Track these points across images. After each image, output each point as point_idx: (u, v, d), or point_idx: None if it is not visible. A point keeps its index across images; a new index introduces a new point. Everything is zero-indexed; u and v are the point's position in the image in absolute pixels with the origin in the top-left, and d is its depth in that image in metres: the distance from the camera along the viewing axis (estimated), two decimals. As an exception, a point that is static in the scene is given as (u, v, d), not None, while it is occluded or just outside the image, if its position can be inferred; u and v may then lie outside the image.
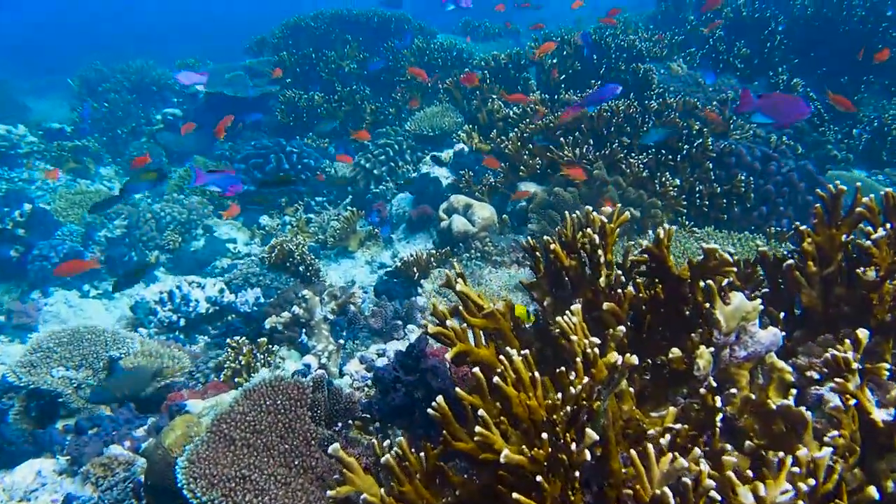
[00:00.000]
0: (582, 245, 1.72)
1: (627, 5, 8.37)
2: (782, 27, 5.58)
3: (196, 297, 3.78)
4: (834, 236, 1.66)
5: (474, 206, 4.07)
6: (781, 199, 3.88)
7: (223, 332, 3.73)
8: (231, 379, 3.11)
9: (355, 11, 7.36)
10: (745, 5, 5.90)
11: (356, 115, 6.40)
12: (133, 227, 5.37)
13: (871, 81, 5.39)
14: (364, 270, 4.92)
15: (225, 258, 5.22)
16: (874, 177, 4.66)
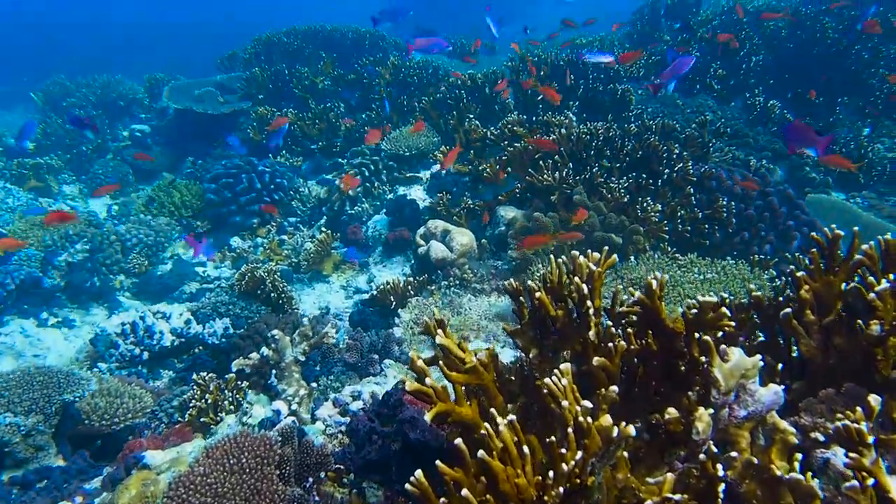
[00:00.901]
0: (569, 293, 1.62)
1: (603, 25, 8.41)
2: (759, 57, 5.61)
3: (160, 329, 3.59)
4: (832, 283, 1.58)
5: (453, 232, 3.96)
6: (763, 224, 3.84)
7: (189, 365, 3.56)
8: (197, 419, 2.94)
9: (329, 27, 7.25)
10: (721, 27, 5.92)
11: (330, 132, 6.26)
12: (96, 250, 5.15)
13: (845, 103, 5.43)
14: (339, 295, 4.78)
15: (194, 282, 5.03)
16: (852, 199, 4.67)
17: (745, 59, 5.57)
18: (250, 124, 6.33)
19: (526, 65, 5.38)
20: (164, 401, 3.17)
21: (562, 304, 1.62)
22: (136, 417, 2.99)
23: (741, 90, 5.45)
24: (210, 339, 3.66)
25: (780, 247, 3.80)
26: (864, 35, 5.48)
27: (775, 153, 4.62)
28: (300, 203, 5.82)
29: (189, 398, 3.03)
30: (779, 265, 3.51)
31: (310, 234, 5.53)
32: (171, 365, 3.65)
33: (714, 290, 3.19)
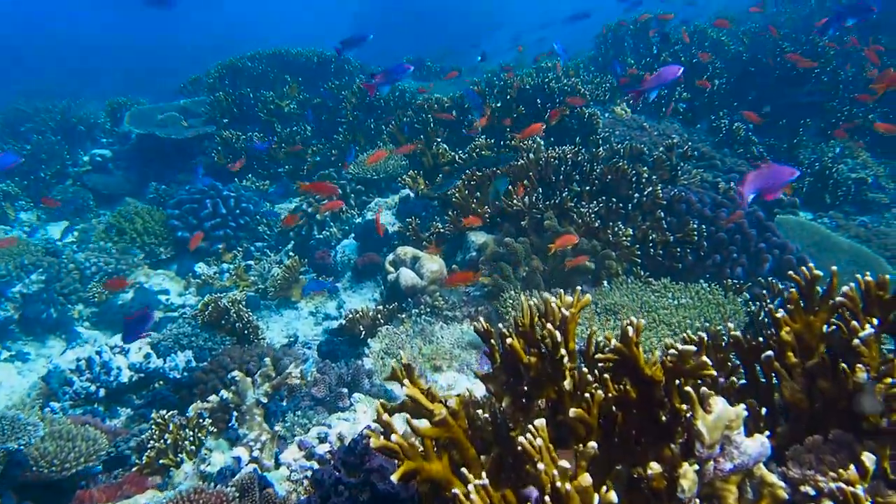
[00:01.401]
0: (542, 338, 1.55)
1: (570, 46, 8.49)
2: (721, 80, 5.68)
3: (118, 365, 3.42)
4: (812, 324, 1.53)
5: (422, 259, 3.88)
6: (734, 247, 3.83)
7: (149, 402, 3.39)
8: (155, 461, 2.79)
9: (294, 51, 7.16)
10: (683, 51, 5.99)
11: (297, 156, 6.15)
12: (53, 279, 4.94)
13: (807, 124, 5.51)
14: (308, 322, 4.65)
15: (156, 311, 4.85)
16: (819, 220, 4.72)
17: (709, 81, 5.63)
18: (215, 148, 6.18)
19: (493, 89, 5.36)
20: (121, 441, 3.01)
21: (535, 351, 1.55)
22: (90, 461, 2.82)
23: (706, 113, 5.50)
24: (171, 374, 3.50)
25: (752, 269, 3.79)
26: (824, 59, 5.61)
27: (742, 175, 4.64)
28: (267, 227, 5.69)
29: (147, 438, 2.88)
30: (752, 289, 3.50)
31: (277, 259, 5.40)
32: (130, 401, 3.48)
33: (689, 315, 3.16)
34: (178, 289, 5.07)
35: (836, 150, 5.14)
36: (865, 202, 5.01)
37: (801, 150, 5.36)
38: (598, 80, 5.99)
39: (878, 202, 4.97)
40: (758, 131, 5.41)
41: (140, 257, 5.17)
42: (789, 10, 8.30)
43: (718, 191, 4.39)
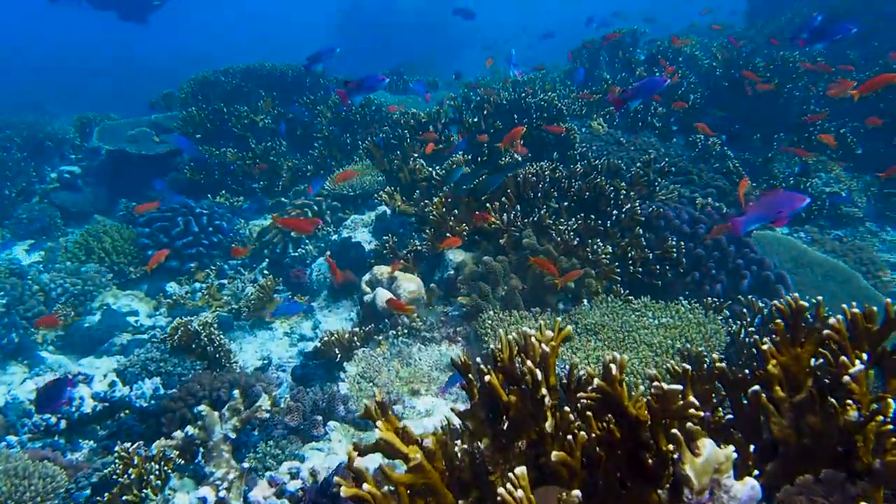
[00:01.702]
0: (522, 375, 1.48)
1: (545, 61, 8.53)
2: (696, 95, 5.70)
3: (81, 394, 3.28)
4: (800, 356, 1.48)
5: (400, 279, 3.80)
6: (713, 264, 3.81)
7: (113, 432, 3.25)
8: (118, 498, 2.66)
9: (269, 65, 7.06)
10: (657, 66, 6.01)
11: (272, 171, 6.04)
12: (16, 302, 4.76)
13: (781, 139, 5.55)
14: (283, 343, 4.53)
15: (125, 333, 4.70)
16: (795, 234, 4.73)
17: (684, 96, 5.66)
18: (187, 165, 6.05)
19: (469, 105, 5.32)
20: (82, 477, 2.87)
21: (514, 389, 1.47)
22: (48, 500, 2.69)
23: (683, 128, 5.52)
24: (138, 402, 3.37)
25: (731, 286, 3.77)
26: (795, 75, 5.66)
27: (719, 190, 4.65)
28: (241, 245, 5.56)
29: (111, 473, 2.75)
30: (731, 306, 3.47)
31: (251, 277, 5.27)
32: (93, 433, 3.33)
33: (670, 335, 3.12)
34: (148, 309, 4.92)
35: (797, 167, 5.17)
36: (840, 216, 5.05)
37: (775, 164, 5.39)
38: (575, 94, 5.99)
39: (852, 216, 5.01)
40: (733, 145, 5.44)
41: (108, 277, 5.01)
42: (760, 25, 8.43)
43: (696, 206, 4.38)
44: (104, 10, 10.18)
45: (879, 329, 1.41)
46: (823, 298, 3.98)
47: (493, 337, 3.29)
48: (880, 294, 3.93)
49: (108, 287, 5.03)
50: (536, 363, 1.45)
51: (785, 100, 5.69)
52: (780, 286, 3.76)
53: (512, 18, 22.31)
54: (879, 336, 1.41)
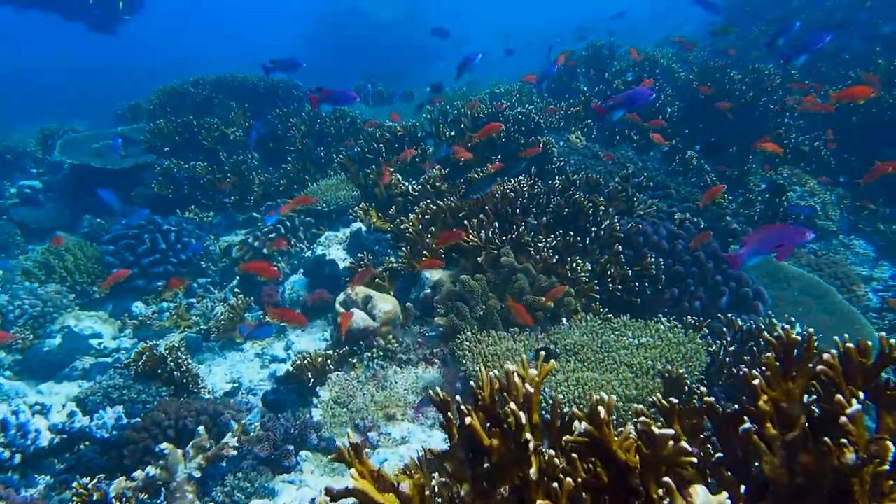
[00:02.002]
0: (505, 416, 1.39)
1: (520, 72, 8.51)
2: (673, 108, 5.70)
3: (37, 426, 3.11)
4: (791, 391, 1.42)
5: (375, 299, 3.70)
6: (692, 280, 3.78)
7: (72, 466, 3.09)
8: (77, 538, 2.51)
9: (240, 76, 6.92)
10: (634, 78, 6.02)
11: (244, 186, 5.90)
12: (-30, 324, 4.55)
13: (756, 151, 5.58)
14: (254, 365, 4.38)
15: (87, 357, 4.51)
16: (770, 248, 4.73)
17: (661, 109, 5.66)
18: (155, 179, 5.88)
19: (447, 118, 5.25)
20: (39, 515, 2.71)
21: (496, 432, 1.39)
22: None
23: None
24: (98, 433, 3.20)
25: (710, 302, 3.74)
26: (769, 88, 5.71)
27: (697, 204, 4.63)
28: (211, 263, 5.41)
29: (69, 511, 2.61)
30: (711, 324, 3.43)
31: (221, 296, 5.12)
32: (51, 467, 3.16)
33: (650, 356, 3.06)
34: (113, 331, 4.74)
35: (763, 185, 5.20)
36: (814, 229, 5.07)
37: (751, 176, 5.41)
38: (553, 106, 5.96)
39: (825, 229, 5.04)
40: (710, 158, 5.44)
41: (70, 298, 4.82)
42: (733, 38, 8.52)
43: (674, 221, 4.35)
44: (73, 20, 9.95)
45: (874, 364, 1.35)
46: (800, 313, 3.96)
47: (472, 359, 3.21)
48: (855, 309, 3.93)
49: (70, 308, 4.83)
50: (520, 404, 1.37)
51: (760, 113, 5.73)
52: (759, 302, 3.74)
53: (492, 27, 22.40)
54: (874, 371, 1.35)
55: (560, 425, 1.54)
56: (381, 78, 10.78)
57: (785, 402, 1.41)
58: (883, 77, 5.70)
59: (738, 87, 5.77)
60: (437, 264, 3.61)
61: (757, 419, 1.42)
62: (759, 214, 4.95)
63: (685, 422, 1.62)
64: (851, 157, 5.52)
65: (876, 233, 5.05)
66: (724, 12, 8.86)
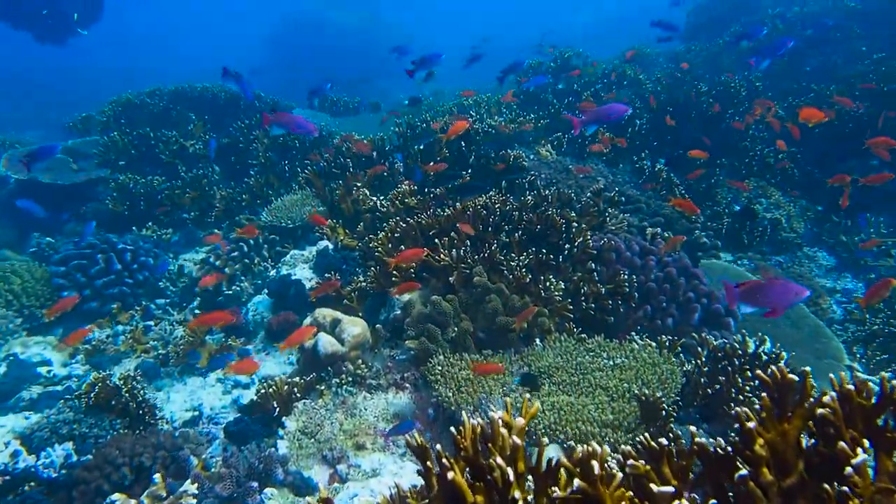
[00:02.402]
0: (490, 469, 1.29)
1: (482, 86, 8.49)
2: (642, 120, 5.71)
3: (-22, 468, 2.89)
4: (787, 433, 1.35)
5: (343, 322, 3.56)
6: (664, 297, 3.74)
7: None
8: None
9: (199, 87, 6.70)
10: (604, 90, 6.02)
11: (204, 201, 5.70)
12: None
13: (723, 164, 5.62)
14: (215, 391, 4.20)
15: (35, 386, 4.25)
16: (739, 262, 4.75)
17: (630, 121, 5.66)
18: (109, 195, 5.64)
19: (415, 131, 5.15)
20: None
21: (481, 487, 1.28)
22: None
23: (627, 152, 5.51)
24: (45, 473, 2.99)
25: (682, 319, 3.71)
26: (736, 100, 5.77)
27: (667, 218, 4.62)
28: (169, 283, 5.19)
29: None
30: (684, 343, 3.39)
31: (181, 318, 4.92)
32: (-7, 511, 2.94)
33: (625, 377, 3.00)
34: (63, 357, 4.49)
35: (736, 206, 5.23)
36: (780, 241, 5.11)
37: (718, 189, 5.43)
38: (522, 118, 5.91)
39: (791, 241, 5.09)
40: (678, 170, 5.45)
41: (17, 323, 4.55)
42: (699, 48, 8.64)
43: (646, 236, 4.33)
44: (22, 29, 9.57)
45: (875, 405, 1.29)
46: (768, 328, 3.94)
47: (444, 384, 3.10)
48: (821, 322, 3.95)
49: (17, 334, 4.57)
50: (506, 458, 1.26)
51: (727, 125, 5.77)
52: (730, 318, 3.72)
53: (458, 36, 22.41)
54: (875, 413, 1.29)
55: (545, 471, 1.44)
56: (346, 87, 10.63)
57: (781, 444, 1.34)
58: (843, 89, 5.81)
59: (706, 100, 5.81)
60: (414, 287, 3.49)
61: (752, 464, 1.35)
62: (727, 228, 4.97)
63: (674, 463, 1.53)
64: (815, 170, 5.60)
65: (838, 244, 5.11)
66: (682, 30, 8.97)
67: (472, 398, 2.99)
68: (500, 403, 2.93)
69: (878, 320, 4.18)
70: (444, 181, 4.67)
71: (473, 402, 2.96)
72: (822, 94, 5.93)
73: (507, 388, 3.07)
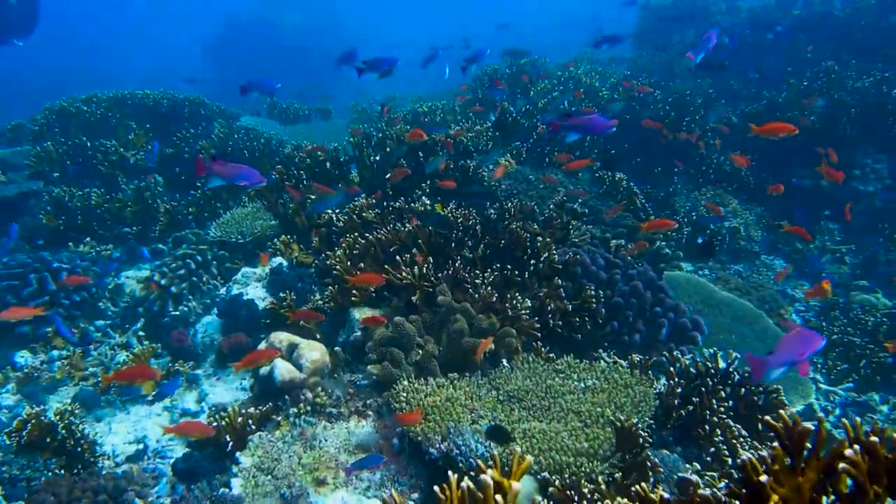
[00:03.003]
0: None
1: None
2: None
3: None
4: (802, 486, 1.25)
5: (301, 347, 3.35)
6: (631, 312, 3.68)
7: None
8: None
9: (139, 94, 6.35)
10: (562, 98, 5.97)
11: (147, 215, 5.37)
12: None
13: (681, 172, 5.63)
14: (163, 421, 3.92)
15: (-41, 422, 3.89)
16: (700, 272, 4.75)
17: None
18: (43, 208, 5.25)
19: (370, 141, 4.97)
20: None
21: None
22: None
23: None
24: (-30, 525, 2.70)
25: (649, 335, 3.65)
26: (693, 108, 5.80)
27: (629, 229, 4.57)
28: (110, 303, 4.86)
29: None
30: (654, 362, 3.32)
31: (123, 341, 4.60)
32: None
33: (598, 401, 2.89)
34: (-9, 388, 4.13)
35: (712, 227, 5.24)
36: (738, 250, 5.15)
37: (676, 197, 5.44)
38: (477, 125, 5.79)
39: (748, 250, 5.12)
40: (636, 179, 5.43)
41: (-61, 351, 4.17)
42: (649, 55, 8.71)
43: (609, 248, 4.27)
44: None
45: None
46: (733, 341, 3.91)
47: (410, 412, 2.93)
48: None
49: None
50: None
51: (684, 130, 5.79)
52: (697, 333, 3.69)
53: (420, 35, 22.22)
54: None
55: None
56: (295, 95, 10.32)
57: (796, 499, 1.24)
58: (793, 96, 5.91)
59: (662, 107, 5.82)
60: (380, 322, 3.30)
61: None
62: (687, 238, 4.96)
63: None
64: (769, 177, 5.67)
65: (794, 251, 5.18)
66: (628, 41, 9.02)
67: (439, 427, 2.83)
68: (468, 433, 2.79)
69: (836, 328, 4.22)
70: (404, 193, 4.52)
71: (441, 431, 2.80)
72: (774, 101, 6.02)
73: (476, 415, 2.92)
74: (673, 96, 5.88)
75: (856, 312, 4.37)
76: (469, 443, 2.72)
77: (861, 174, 5.40)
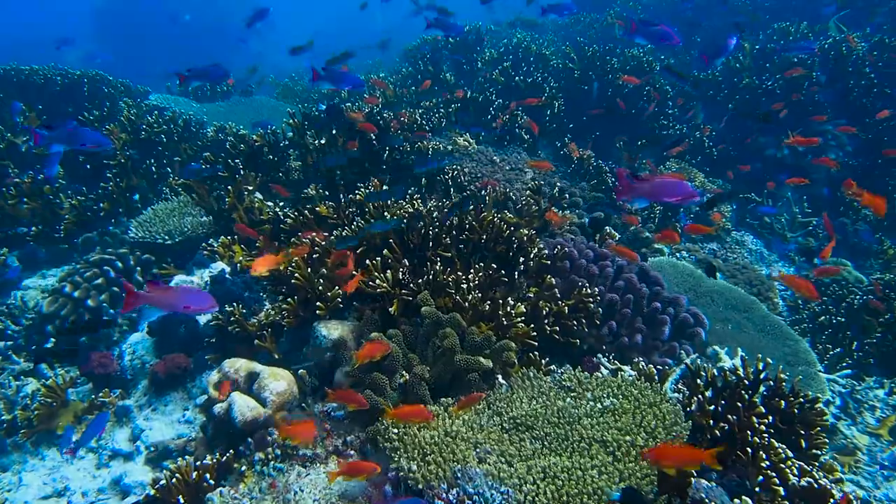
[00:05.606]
0: None
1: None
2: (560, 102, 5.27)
3: None
4: None
5: (263, 377, 2.81)
6: (629, 310, 3.34)
7: None
8: None
9: (27, 69, 5.37)
10: (514, 68, 5.53)
11: (49, 212, 4.55)
12: None
13: (644, 145, 5.35)
14: (86, 467, 3.32)
15: None
16: (679, 254, 4.50)
17: (548, 105, 5.20)
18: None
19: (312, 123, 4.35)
20: None
21: None
22: None
23: (551, 138, 5.08)
24: None
25: (651, 334, 3.34)
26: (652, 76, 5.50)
27: (606, 212, 4.23)
28: (11, 320, 4.10)
29: None
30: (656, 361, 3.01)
31: (30, 366, 3.87)
32: None
33: (623, 425, 2.53)
34: None
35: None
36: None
37: (641, 171, 5.16)
38: (427, 102, 5.25)
39: (720, 226, 4.93)
40: (599, 154, 5.10)
41: None
42: (587, 21, 8.37)
43: (591, 236, 3.91)
44: None
45: None
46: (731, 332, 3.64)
47: (405, 453, 2.48)
48: (782, 321, 3.76)
49: None
50: None
51: (644, 103, 5.48)
52: (699, 328, 3.41)
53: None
54: None
55: None
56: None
57: None
58: (750, 61, 5.73)
59: (619, 76, 5.48)
60: (384, 349, 2.72)
61: None
62: (659, 216, 4.69)
63: None
64: (731, 149, 5.48)
65: (763, 226, 5.03)
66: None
67: (443, 470, 2.39)
68: (479, 476, 2.37)
69: (821, 308, 4.08)
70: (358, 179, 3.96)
71: (446, 477, 2.37)
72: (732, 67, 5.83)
73: (483, 451, 2.51)
74: (632, 63, 5.56)
75: (832, 288, 4.24)
76: (482, 490, 2.30)
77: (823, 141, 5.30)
